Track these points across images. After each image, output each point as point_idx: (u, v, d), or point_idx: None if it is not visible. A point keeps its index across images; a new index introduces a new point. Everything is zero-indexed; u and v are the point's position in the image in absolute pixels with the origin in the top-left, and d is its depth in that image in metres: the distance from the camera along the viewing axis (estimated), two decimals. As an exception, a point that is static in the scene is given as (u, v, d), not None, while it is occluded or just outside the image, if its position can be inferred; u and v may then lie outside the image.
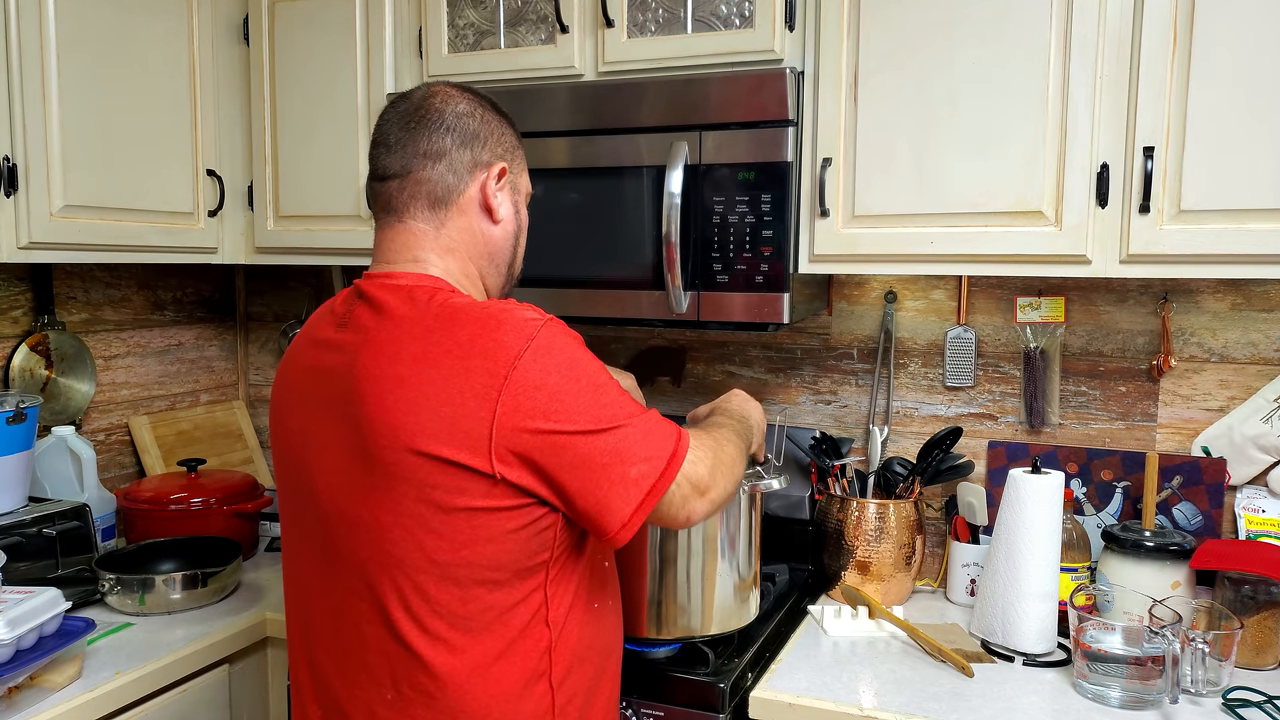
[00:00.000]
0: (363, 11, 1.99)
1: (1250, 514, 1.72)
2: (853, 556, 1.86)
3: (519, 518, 1.07)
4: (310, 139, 2.06)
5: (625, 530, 1.07)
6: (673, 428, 1.13)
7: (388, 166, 1.19)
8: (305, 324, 1.27)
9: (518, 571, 1.09)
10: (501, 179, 1.22)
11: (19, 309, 2.06)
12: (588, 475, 1.06)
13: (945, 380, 1.99)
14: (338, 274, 2.50)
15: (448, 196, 1.18)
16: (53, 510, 1.81)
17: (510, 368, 1.03)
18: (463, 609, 1.08)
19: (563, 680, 1.14)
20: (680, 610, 1.52)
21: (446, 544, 1.06)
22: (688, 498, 1.12)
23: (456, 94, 1.21)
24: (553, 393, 1.04)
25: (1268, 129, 1.42)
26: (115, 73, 1.85)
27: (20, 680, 1.43)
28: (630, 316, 1.77)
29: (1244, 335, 1.78)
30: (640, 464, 1.07)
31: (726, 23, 1.72)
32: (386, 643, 1.10)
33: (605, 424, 1.06)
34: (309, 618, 1.19)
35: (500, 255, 1.25)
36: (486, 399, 1.03)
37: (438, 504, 1.05)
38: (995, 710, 1.44)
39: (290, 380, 1.22)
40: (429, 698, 1.09)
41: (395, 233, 1.19)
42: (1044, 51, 1.53)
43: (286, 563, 1.24)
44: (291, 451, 1.19)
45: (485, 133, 1.21)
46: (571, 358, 1.07)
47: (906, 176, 1.63)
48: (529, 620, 1.11)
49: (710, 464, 1.15)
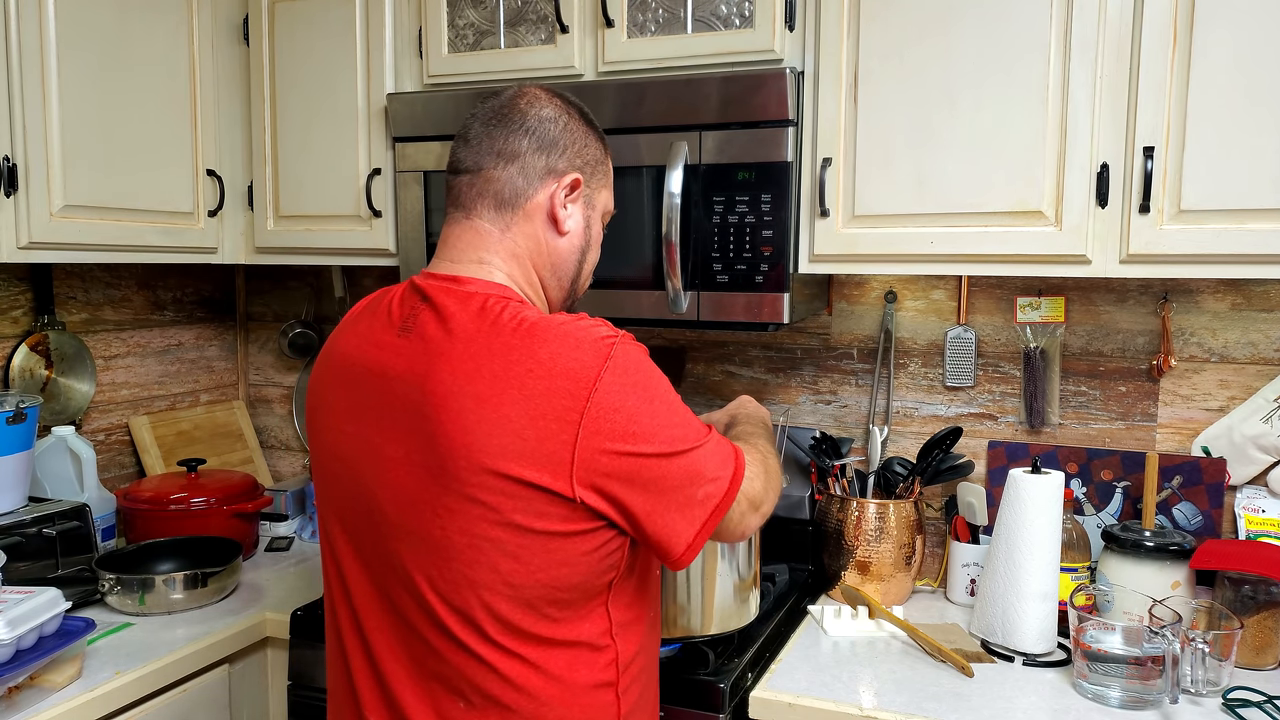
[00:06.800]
0: (362, 11, 1.99)
1: (1250, 514, 1.72)
2: (853, 556, 1.86)
3: (592, 540, 1.05)
4: (310, 139, 2.06)
5: (690, 552, 1.07)
6: (729, 445, 1.12)
7: (462, 161, 1.17)
8: (351, 318, 1.21)
9: (586, 591, 1.08)
10: (574, 191, 1.18)
11: (19, 309, 2.06)
12: (659, 498, 1.05)
13: (945, 380, 1.99)
14: (338, 274, 2.50)
15: (515, 199, 1.15)
16: (53, 510, 1.81)
17: (591, 389, 1.01)
18: (533, 627, 1.06)
19: (627, 688, 1.14)
20: (680, 610, 1.52)
21: (523, 567, 1.04)
22: (745, 514, 1.12)
23: (545, 98, 1.18)
24: (631, 414, 1.02)
25: (1268, 128, 1.42)
26: (115, 73, 1.85)
27: (20, 680, 1.43)
28: (630, 316, 1.77)
29: (1244, 335, 1.78)
30: (708, 484, 1.07)
31: (726, 23, 1.72)
32: (457, 655, 1.07)
33: (680, 446, 1.06)
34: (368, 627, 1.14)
35: (564, 268, 1.20)
36: (569, 421, 1.00)
37: (517, 527, 1.03)
38: (995, 710, 1.44)
39: (341, 379, 1.16)
40: (503, 708, 1.08)
41: (462, 229, 1.16)
42: (1044, 51, 1.53)
43: (332, 567, 1.19)
44: (346, 457, 1.14)
45: (566, 141, 1.17)
46: (645, 378, 1.06)
47: (906, 176, 1.63)
48: (596, 634, 1.10)
49: (763, 479, 1.16)
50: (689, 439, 1.07)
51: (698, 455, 1.07)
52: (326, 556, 1.20)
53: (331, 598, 1.20)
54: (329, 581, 1.21)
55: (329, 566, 1.20)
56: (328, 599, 1.22)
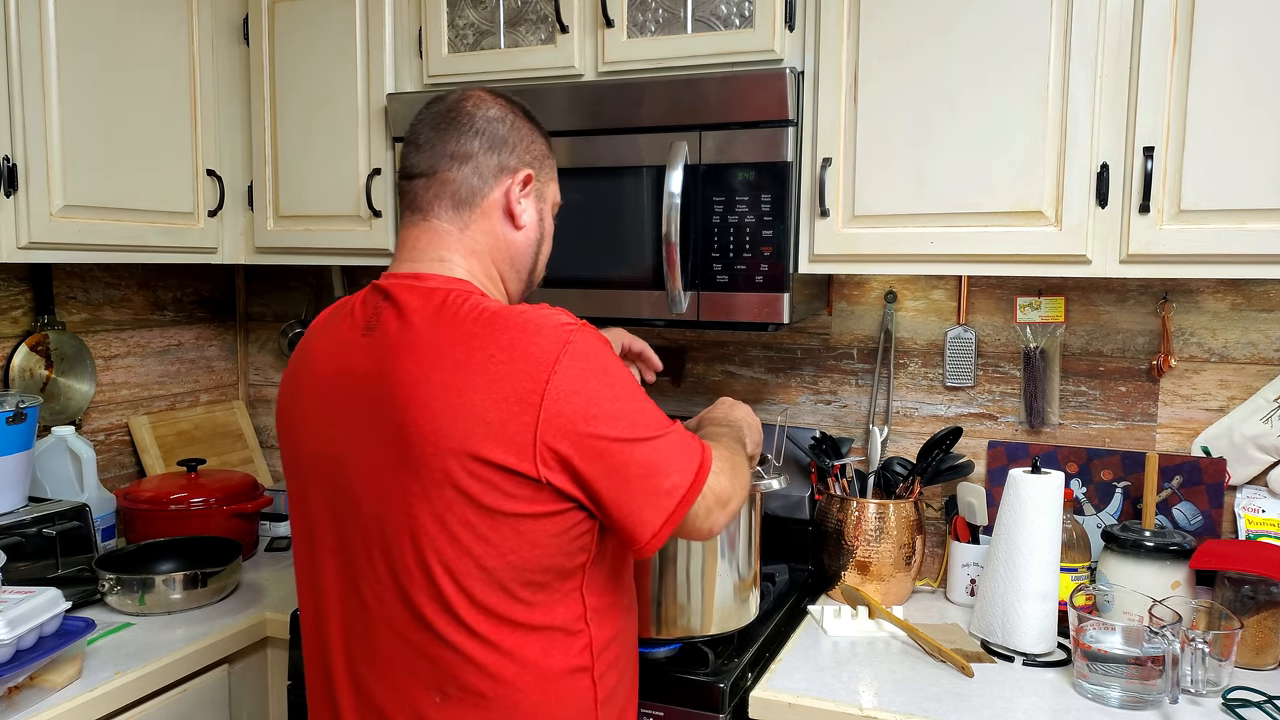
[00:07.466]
0: (362, 12, 1.99)
1: (1250, 514, 1.72)
2: (853, 556, 1.86)
3: (561, 522, 1.08)
4: (310, 139, 2.06)
5: (655, 541, 1.09)
6: (695, 440, 1.15)
7: (416, 165, 1.20)
8: (319, 324, 1.24)
9: (559, 573, 1.10)
10: (527, 186, 1.22)
11: (19, 309, 2.06)
12: (624, 485, 1.07)
13: (945, 380, 1.99)
14: (338, 274, 2.50)
15: (472, 199, 1.19)
16: (53, 510, 1.81)
17: (551, 371, 1.04)
18: (507, 611, 1.09)
19: (603, 674, 1.16)
20: (680, 610, 1.52)
21: (494, 550, 1.06)
22: (711, 509, 1.14)
23: (490, 99, 1.22)
24: (590, 397, 1.05)
25: (1268, 128, 1.42)
26: (115, 73, 1.85)
27: (20, 680, 1.43)
28: (630, 316, 1.77)
29: (1244, 335, 1.78)
30: (673, 475, 1.09)
31: (726, 23, 1.72)
32: (433, 647, 1.09)
33: (641, 434, 1.08)
34: (343, 626, 1.16)
35: (522, 261, 1.25)
36: (530, 404, 1.03)
37: (486, 509, 1.05)
38: (995, 710, 1.44)
39: (310, 384, 1.19)
40: (479, 697, 1.09)
41: (420, 231, 1.20)
42: (1044, 51, 1.53)
43: (306, 567, 1.21)
44: (319, 458, 1.16)
45: (514, 139, 1.21)
46: (605, 364, 1.09)
47: (906, 176, 1.63)
48: (570, 619, 1.13)
49: (730, 476, 1.18)
50: (650, 427, 1.09)
51: (660, 444, 1.09)
52: (302, 561, 1.23)
53: (307, 601, 1.22)
54: (303, 586, 1.23)
55: (304, 571, 1.22)
56: (303, 603, 1.23)
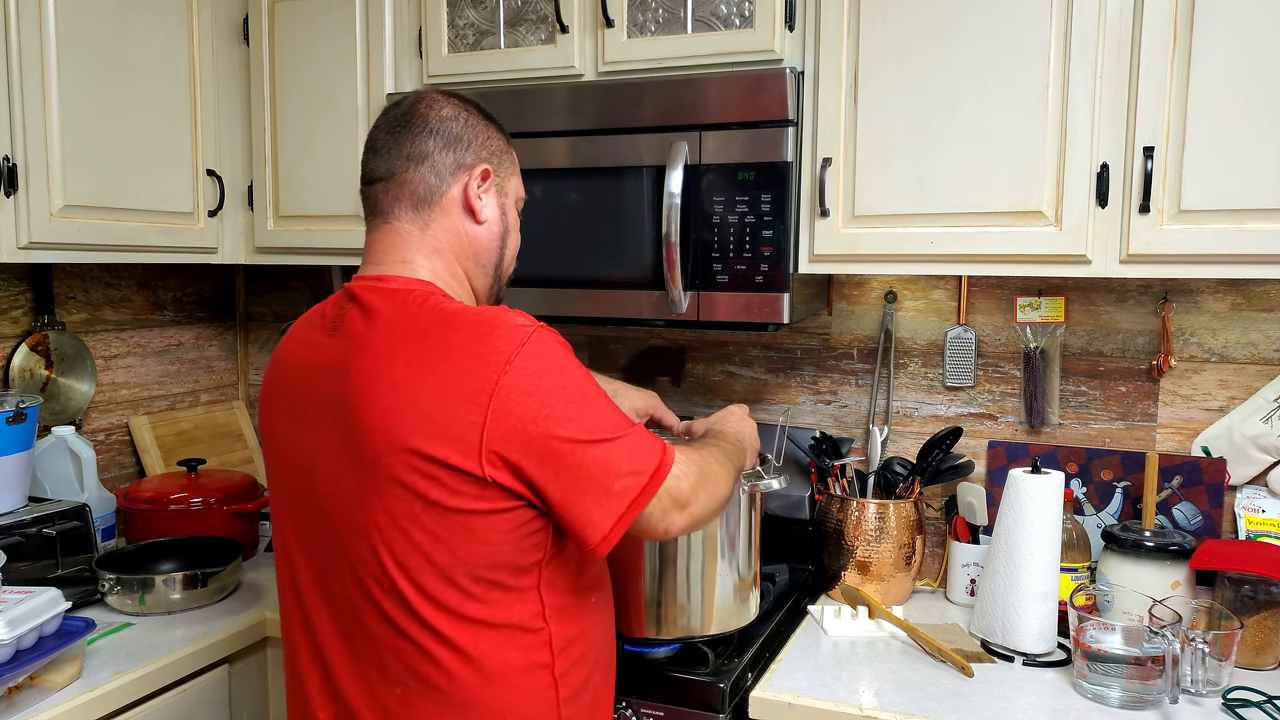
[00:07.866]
0: (362, 12, 1.99)
1: (1250, 514, 1.72)
2: (853, 556, 1.86)
3: (510, 520, 1.09)
4: (310, 139, 2.06)
5: (605, 543, 1.10)
6: (658, 443, 1.15)
7: (374, 170, 1.23)
8: (295, 326, 1.27)
9: (513, 570, 1.11)
10: (485, 181, 1.24)
11: (19, 309, 2.06)
12: (572, 485, 1.07)
13: (945, 380, 1.99)
14: (338, 274, 2.50)
15: (430, 197, 1.20)
16: (53, 510, 1.81)
17: (501, 372, 1.05)
18: (462, 607, 1.10)
19: (565, 672, 1.17)
20: (680, 610, 1.52)
21: (444, 546, 1.08)
22: (668, 511, 1.13)
23: (442, 99, 1.24)
24: (543, 398, 1.06)
25: (1268, 128, 1.42)
26: (115, 73, 1.85)
27: (20, 680, 1.42)
28: (630, 316, 1.77)
29: (1244, 335, 1.78)
30: (625, 478, 1.09)
31: (726, 23, 1.72)
32: (394, 641, 1.11)
33: (595, 435, 1.08)
34: (315, 622, 1.19)
35: (486, 256, 1.26)
36: (478, 404, 1.04)
37: (433, 506, 1.07)
38: (995, 710, 1.44)
39: (281, 383, 1.23)
40: (438, 692, 1.11)
41: (382, 234, 1.22)
42: (1044, 52, 1.53)
43: (284, 566, 1.24)
44: (289, 457, 1.20)
45: (469, 136, 1.23)
46: (561, 366, 1.09)
47: (906, 176, 1.63)
48: (528, 615, 1.13)
49: (694, 480, 1.17)
50: (605, 429, 1.09)
51: (615, 446, 1.09)
52: (280, 558, 1.25)
53: (286, 596, 1.24)
54: (282, 582, 1.25)
55: (282, 567, 1.25)
56: (281, 601, 1.26)
